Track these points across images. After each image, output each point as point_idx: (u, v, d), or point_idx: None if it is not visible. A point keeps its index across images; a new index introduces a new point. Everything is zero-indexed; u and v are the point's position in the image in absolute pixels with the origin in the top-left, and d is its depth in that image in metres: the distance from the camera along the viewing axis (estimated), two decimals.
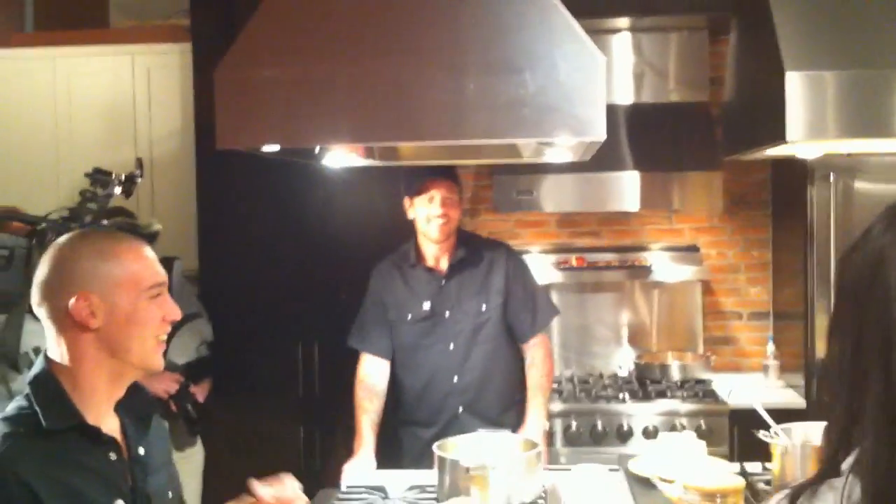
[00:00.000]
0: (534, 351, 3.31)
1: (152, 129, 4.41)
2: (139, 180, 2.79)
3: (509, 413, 3.25)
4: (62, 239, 1.75)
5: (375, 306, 3.30)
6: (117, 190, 2.70)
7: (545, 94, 1.91)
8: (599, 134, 1.96)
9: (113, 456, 1.68)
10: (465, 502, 2.47)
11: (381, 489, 2.70)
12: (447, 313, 3.21)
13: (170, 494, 1.84)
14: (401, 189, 3.25)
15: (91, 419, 1.66)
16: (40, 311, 1.69)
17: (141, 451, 1.76)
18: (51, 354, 1.70)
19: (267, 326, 4.12)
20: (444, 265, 3.24)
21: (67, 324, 1.66)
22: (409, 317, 3.24)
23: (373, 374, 3.27)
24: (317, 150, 2.51)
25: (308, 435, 4.19)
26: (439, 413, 3.20)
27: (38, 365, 1.70)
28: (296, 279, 4.17)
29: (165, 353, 1.79)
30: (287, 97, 2.03)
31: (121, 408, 1.76)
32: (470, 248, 3.27)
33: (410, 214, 3.22)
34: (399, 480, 2.75)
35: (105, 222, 2.69)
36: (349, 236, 4.15)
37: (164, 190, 4.38)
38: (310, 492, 2.78)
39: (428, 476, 2.72)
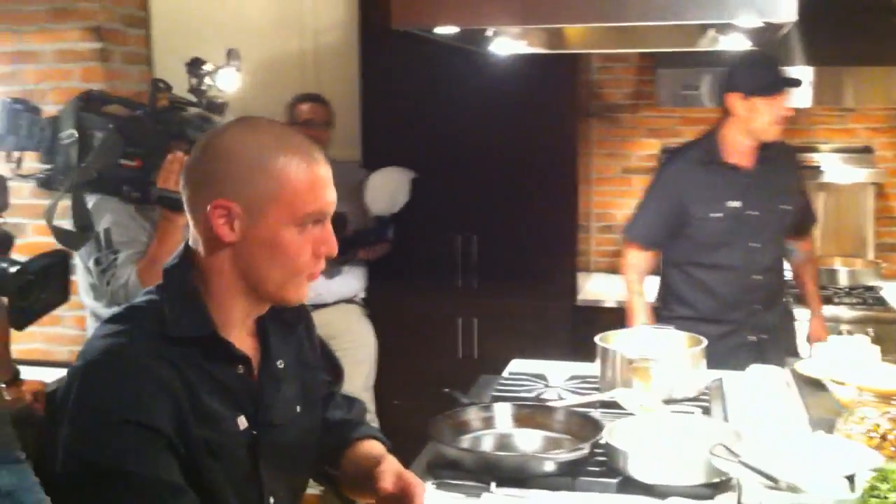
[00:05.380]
0: (809, 247, 3.50)
1: (317, 20, 4.43)
2: (232, 71, 2.59)
3: (776, 311, 3.32)
4: (225, 126, 1.52)
5: (666, 200, 3.25)
6: (209, 80, 2.54)
7: None
8: (789, 15, 1.84)
9: (241, 370, 1.51)
10: (628, 394, 2.47)
11: (542, 377, 2.72)
12: (755, 211, 3.17)
13: (298, 408, 1.62)
14: (736, 83, 3.14)
15: (223, 329, 1.48)
16: (184, 197, 1.49)
17: (280, 364, 1.58)
18: (192, 244, 1.50)
19: (427, 217, 4.16)
20: (748, 162, 3.19)
21: (203, 230, 1.46)
22: (717, 214, 3.17)
23: (642, 261, 3.32)
24: (489, 33, 2.47)
25: (466, 326, 4.24)
26: (734, 310, 3.20)
27: (176, 256, 1.52)
28: (456, 171, 4.18)
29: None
30: None
31: (266, 315, 1.57)
32: (769, 146, 3.21)
33: (740, 111, 3.12)
34: (560, 370, 2.77)
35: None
36: (510, 128, 4.11)
37: (329, 80, 4.42)
38: (469, 379, 2.86)
39: (588, 367, 2.73)
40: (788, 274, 3.51)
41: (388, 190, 3.91)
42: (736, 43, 2.66)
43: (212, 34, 4.39)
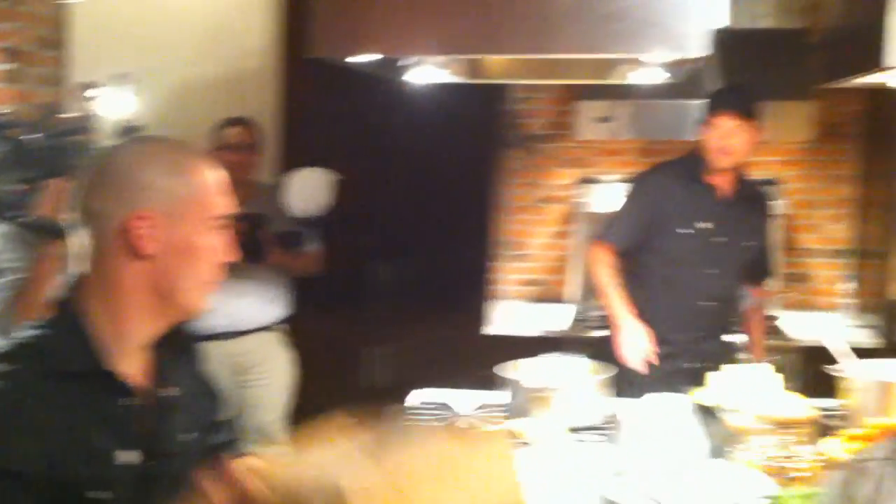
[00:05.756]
0: (761, 295, 3.45)
1: (241, 45, 4.41)
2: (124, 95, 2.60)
3: (715, 342, 3.32)
4: (124, 143, 1.56)
5: (645, 208, 3.24)
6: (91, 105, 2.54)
7: (643, 8, 1.87)
8: (701, 49, 1.91)
9: (135, 401, 1.46)
10: (528, 423, 2.48)
11: (446, 406, 2.72)
12: (723, 237, 3.19)
13: (193, 435, 1.58)
14: None
15: (115, 359, 1.44)
16: (83, 223, 1.46)
17: (174, 391, 1.55)
18: (85, 270, 1.46)
19: (338, 243, 4.12)
20: (726, 190, 3.21)
21: (115, 246, 1.43)
22: (685, 231, 3.19)
23: (612, 260, 3.25)
24: (409, 62, 2.49)
25: (371, 354, 4.23)
26: (677, 332, 3.20)
27: (69, 286, 1.48)
28: (372, 197, 4.19)
29: None
30: (383, 7, 2.02)
31: (156, 343, 1.53)
32: (749, 181, 3.28)
33: (702, 136, 3.17)
34: (466, 399, 2.77)
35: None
36: (430, 156, 4.15)
37: (251, 104, 4.39)
38: (372, 409, 2.83)
39: (499, 396, 2.74)
40: None
41: (306, 190, 3.73)
42: (651, 76, 2.73)
43: (134, 56, 4.34)
